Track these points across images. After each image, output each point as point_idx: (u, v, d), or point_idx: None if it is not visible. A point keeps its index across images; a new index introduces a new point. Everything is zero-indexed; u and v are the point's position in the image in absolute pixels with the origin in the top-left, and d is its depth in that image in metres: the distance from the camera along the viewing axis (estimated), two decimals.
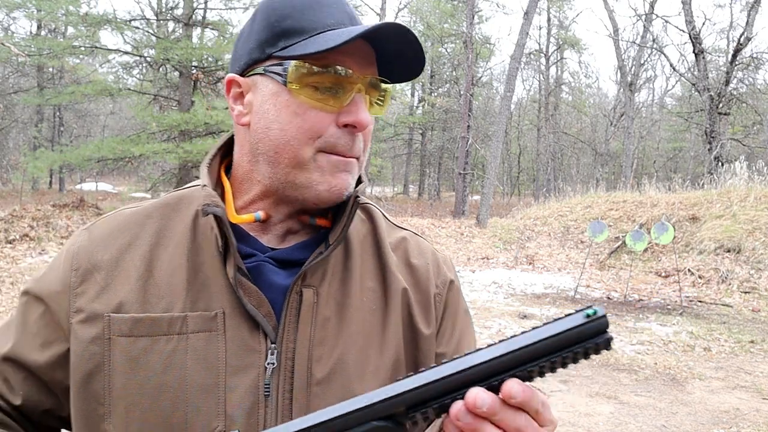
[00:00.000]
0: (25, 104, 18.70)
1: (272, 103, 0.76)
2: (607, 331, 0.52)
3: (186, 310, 0.76)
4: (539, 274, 11.06)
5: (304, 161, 0.76)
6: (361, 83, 0.76)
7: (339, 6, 0.78)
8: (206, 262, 0.79)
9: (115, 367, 0.75)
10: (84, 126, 28.72)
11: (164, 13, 13.11)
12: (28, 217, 9.61)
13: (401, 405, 0.54)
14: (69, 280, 0.79)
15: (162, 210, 0.84)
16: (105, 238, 0.82)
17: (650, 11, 22.46)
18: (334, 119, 0.76)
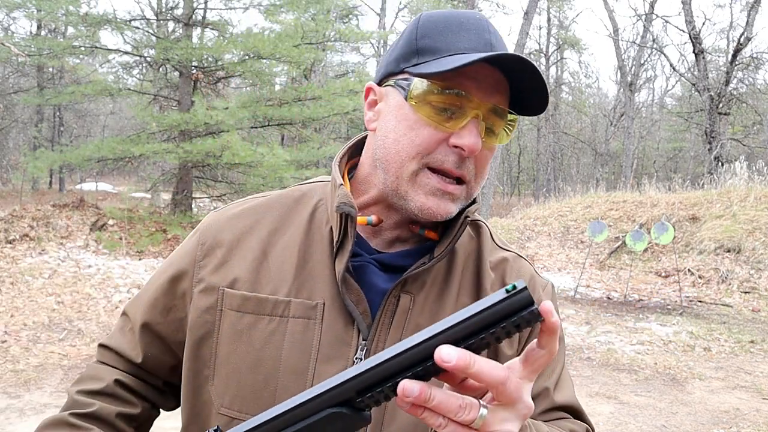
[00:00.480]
0: (25, 104, 18.68)
1: (394, 115, 0.81)
2: (533, 303, 0.52)
3: (290, 295, 0.83)
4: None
5: (407, 175, 0.80)
6: (479, 109, 0.78)
7: (479, 32, 0.80)
8: (316, 255, 0.85)
9: (222, 336, 0.84)
10: (84, 126, 28.71)
11: (164, 13, 13.10)
12: (28, 217, 9.61)
13: (351, 391, 0.55)
14: (195, 254, 0.89)
15: (284, 201, 0.92)
16: (230, 220, 0.91)
17: (650, 11, 22.45)
18: (445, 139, 0.78)
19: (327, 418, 0.56)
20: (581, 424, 0.91)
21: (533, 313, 0.52)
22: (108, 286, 7.72)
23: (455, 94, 0.77)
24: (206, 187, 12.76)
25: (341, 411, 0.55)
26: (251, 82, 13.79)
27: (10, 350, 5.42)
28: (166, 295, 0.91)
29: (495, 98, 0.79)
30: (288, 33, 10.98)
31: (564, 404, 0.89)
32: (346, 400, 0.56)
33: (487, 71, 0.77)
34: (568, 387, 0.92)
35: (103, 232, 9.97)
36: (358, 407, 0.56)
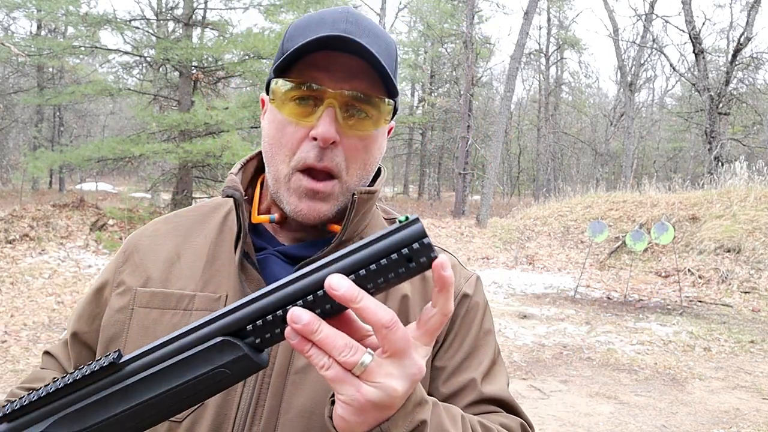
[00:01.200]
0: (25, 104, 18.68)
1: (268, 119, 0.85)
2: (426, 236, 0.51)
3: (197, 290, 0.85)
4: (539, 274, 11.06)
5: (283, 178, 0.82)
6: (334, 98, 0.78)
7: (335, 23, 0.79)
8: (224, 252, 0.88)
9: (131, 334, 0.85)
10: (84, 126, 28.70)
11: (164, 13, 13.11)
12: (28, 217, 9.61)
13: (242, 320, 0.54)
14: (117, 262, 0.93)
15: (202, 209, 0.97)
16: (149, 228, 0.97)
17: (650, 11, 22.45)
18: (307, 133, 0.79)
19: (218, 346, 0.54)
20: (514, 419, 0.88)
21: (426, 246, 0.50)
22: None
23: (308, 87, 0.78)
24: (206, 187, 12.76)
25: (233, 341, 0.53)
26: (251, 82, 13.79)
27: (10, 350, 5.42)
28: (90, 305, 0.94)
29: (352, 84, 0.78)
30: None
31: (493, 396, 0.86)
32: (237, 330, 0.54)
33: (342, 59, 0.77)
34: (500, 381, 0.89)
35: (103, 232, 9.97)
36: (252, 344, 0.54)
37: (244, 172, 0.93)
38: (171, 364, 0.54)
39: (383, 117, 0.82)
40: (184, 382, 0.54)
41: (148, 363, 0.55)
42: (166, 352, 0.55)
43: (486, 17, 34.23)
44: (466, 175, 18.94)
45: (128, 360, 0.55)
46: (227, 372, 0.54)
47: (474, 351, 0.88)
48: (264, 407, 0.78)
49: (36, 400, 0.56)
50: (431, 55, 28.93)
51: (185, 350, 0.54)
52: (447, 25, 26.80)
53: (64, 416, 0.55)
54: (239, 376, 0.55)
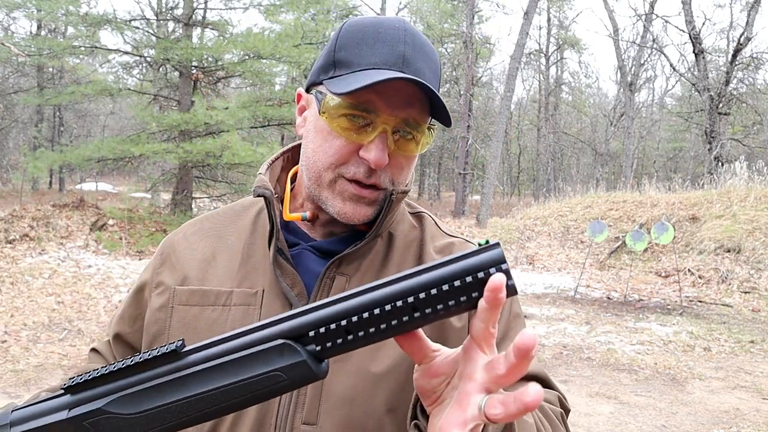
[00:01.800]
0: (25, 104, 18.68)
1: (313, 124, 0.86)
2: (506, 261, 0.50)
3: (233, 286, 0.89)
4: (539, 274, 11.06)
5: (326, 182, 0.85)
6: (387, 124, 0.81)
7: (393, 44, 0.82)
8: (259, 248, 0.92)
9: (172, 331, 0.89)
10: (84, 126, 28.71)
11: (164, 13, 13.10)
12: (28, 217, 9.61)
13: (304, 326, 0.53)
14: (155, 264, 0.97)
15: (235, 208, 1.01)
16: (184, 230, 1.01)
17: (650, 11, 22.45)
18: (357, 150, 0.83)
19: (278, 349, 0.53)
20: (551, 392, 0.91)
21: (504, 272, 0.49)
22: (108, 286, 7.72)
23: (363, 109, 0.80)
24: (206, 187, 12.77)
25: (293, 346, 0.53)
26: (251, 82, 13.79)
27: (10, 350, 5.42)
28: (131, 306, 0.98)
29: (406, 111, 0.81)
30: (288, 33, 10.98)
31: (530, 373, 0.89)
32: (299, 335, 0.53)
33: (398, 85, 0.80)
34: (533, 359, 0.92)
35: (103, 232, 9.97)
36: (313, 352, 0.53)
37: (271, 171, 0.96)
38: (230, 360, 0.54)
39: (425, 140, 0.86)
40: (240, 381, 0.54)
41: (208, 356, 0.55)
42: (227, 347, 0.55)
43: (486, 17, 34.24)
44: (466, 175, 18.94)
45: (190, 350, 0.56)
46: (283, 377, 0.53)
47: (506, 334, 0.91)
48: (306, 395, 0.81)
49: (99, 377, 0.57)
50: None
51: (246, 348, 0.54)
52: (447, 25, 26.81)
53: (122, 396, 0.56)
54: (295, 383, 0.54)
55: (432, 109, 0.84)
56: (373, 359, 0.82)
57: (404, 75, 0.77)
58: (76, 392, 0.58)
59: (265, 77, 12.55)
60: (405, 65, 0.81)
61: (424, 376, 0.57)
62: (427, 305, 0.51)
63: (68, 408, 0.58)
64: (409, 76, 0.77)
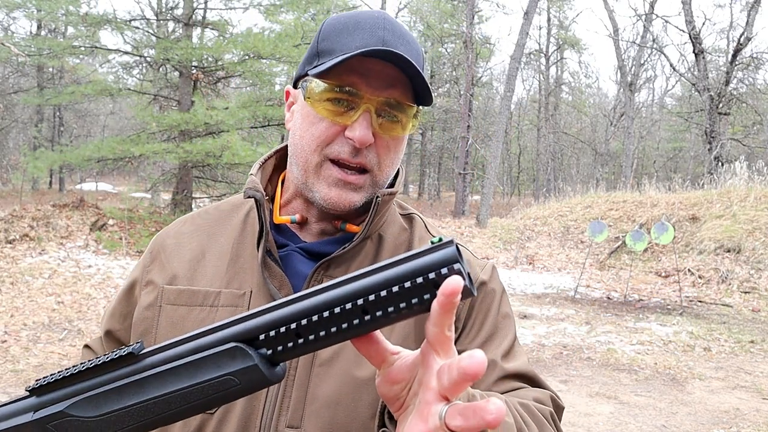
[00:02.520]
0: (25, 104, 18.68)
1: (300, 113, 0.88)
2: (458, 261, 0.46)
3: (222, 287, 0.88)
4: (539, 274, 11.06)
5: (312, 167, 0.86)
6: (370, 103, 0.83)
7: (373, 30, 0.83)
8: (247, 249, 0.92)
9: (160, 330, 0.89)
10: (84, 126, 28.71)
11: (164, 13, 13.10)
12: (28, 217, 9.61)
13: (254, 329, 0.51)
14: (145, 262, 0.97)
15: (224, 207, 1.01)
16: (173, 227, 1.01)
17: (650, 11, 22.45)
18: (342, 131, 0.84)
19: (229, 352, 0.51)
20: (543, 391, 0.89)
21: (456, 272, 0.46)
22: (108, 286, 7.72)
23: (346, 91, 0.82)
24: (206, 187, 12.76)
25: (244, 349, 0.51)
26: (251, 82, 13.79)
27: (10, 350, 5.42)
28: (121, 303, 0.98)
29: (388, 92, 0.83)
30: (288, 33, 10.98)
31: (516, 371, 0.88)
32: (251, 338, 0.51)
33: (378, 67, 0.82)
34: (521, 358, 0.91)
35: (103, 232, 9.97)
36: (265, 355, 0.51)
37: (263, 171, 0.97)
38: (184, 363, 0.53)
39: (411, 122, 0.87)
40: (194, 384, 0.53)
41: (164, 359, 0.54)
42: (182, 350, 0.54)
43: (486, 17, 34.23)
44: (466, 175, 18.94)
45: (147, 353, 0.55)
46: (236, 381, 0.52)
47: (494, 334, 0.91)
48: (291, 398, 0.81)
49: (61, 379, 0.57)
50: (431, 55, 28.92)
51: (200, 351, 0.53)
52: (447, 25, 26.81)
53: (83, 399, 0.56)
54: (248, 388, 0.52)
55: (415, 92, 0.85)
56: (359, 364, 0.82)
57: (383, 48, 0.79)
58: (40, 394, 0.58)
59: (265, 77, 12.55)
60: (385, 47, 0.82)
61: (384, 382, 0.55)
62: (378, 308, 0.48)
63: (33, 410, 0.58)
64: (384, 48, 0.79)
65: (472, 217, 16.64)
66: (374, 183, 0.88)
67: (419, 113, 0.88)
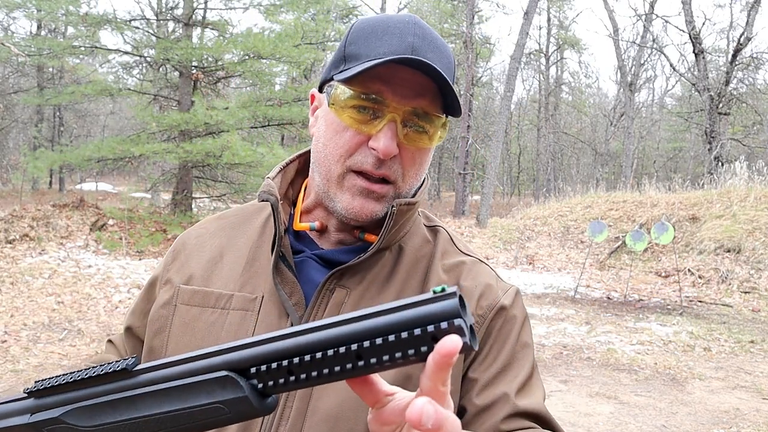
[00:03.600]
0: (25, 104, 18.69)
1: (324, 119, 0.85)
2: (459, 316, 0.44)
3: (235, 290, 0.88)
4: (539, 274, 11.06)
5: (335, 177, 0.84)
6: (396, 113, 0.80)
7: (402, 36, 0.80)
8: (264, 253, 0.91)
9: (173, 329, 0.89)
10: (84, 126, 28.70)
11: (164, 13, 13.10)
12: (28, 217, 9.61)
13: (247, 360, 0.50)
14: (167, 259, 0.98)
15: (246, 209, 1.01)
16: (196, 228, 1.01)
17: (650, 11, 22.45)
18: (366, 141, 0.81)
19: (221, 381, 0.51)
20: None
21: (456, 328, 0.44)
22: (108, 286, 7.72)
23: (372, 99, 0.79)
24: (206, 187, 12.76)
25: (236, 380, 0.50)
26: (251, 82, 13.80)
27: (10, 350, 5.42)
28: (143, 300, 0.99)
29: (416, 101, 0.80)
30: (288, 33, 10.98)
31: (529, 410, 0.84)
32: (243, 369, 0.51)
33: (407, 75, 0.79)
34: (536, 395, 0.87)
35: (103, 232, 9.97)
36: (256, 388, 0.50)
37: (284, 174, 0.94)
38: (175, 386, 0.53)
39: (438, 133, 0.84)
40: (185, 408, 0.52)
41: (156, 378, 0.54)
42: (176, 371, 0.53)
43: (486, 17, 34.22)
44: (466, 175, 18.94)
45: (141, 369, 0.55)
46: (225, 409, 0.51)
47: (510, 364, 0.87)
48: (291, 408, 0.80)
49: (59, 385, 0.57)
50: None
51: (193, 375, 0.53)
52: (447, 25, 26.79)
53: (78, 408, 0.56)
54: (236, 418, 0.51)
55: (444, 102, 0.83)
56: None
57: (410, 56, 0.76)
58: (38, 397, 0.59)
59: (265, 77, 12.55)
60: (414, 54, 0.79)
61: (375, 422, 0.54)
62: (372, 354, 0.46)
63: (30, 413, 0.59)
64: (413, 57, 0.76)
65: (472, 217, 16.64)
66: (397, 195, 0.85)
67: (447, 123, 0.85)
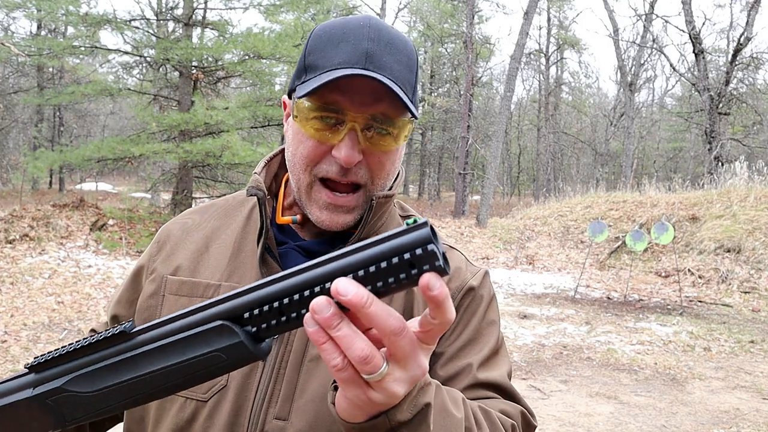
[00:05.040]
0: (25, 104, 18.69)
1: (291, 127, 0.88)
2: (432, 241, 0.47)
3: (222, 280, 0.91)
4: (539, 274, 11.06)
5: (304, 187, 0.86)
6: (355, 122, 0.81)
7: (357, 42, 0.81)
8: (249, 244, 0.94)
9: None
10: (84, 126, 28.70)
11: (164, 13, 13.10)
12: (28, 217, 9.61)
13: (239, 308, 0.54)
14: (152, 249, 1.00)
15: (230, 201, 1.03)
16: (181, 219, 1.03)
17: (650, 11, 22.45)
18: (330, 149, 0.83)
19: (217, 330, 0.54)
20: (514, 405, 0.89)
21: (429, 253, 0.47)
22: (108, 286, 7.72)
23: (330, 110, 0.81)
24: (206, 187, 12.76)
25: (231, 327, 0.53)
26: (251, 82, 13.79)
27: (10, 350, 5.42)
28: (128, 290, 1.00)
29: (374, 107, 0.81)
30: (288, 33, 10.98)
31: (489, 381, 0.88)
32: (237, 316, 0.54)
33: (363, 82, 0.79)
34: (499, 369, 0.91)
35: (103, 232, 9.97)
36: (250, 333, 0.54)
37: (268, 169, 0.97)
38: (173, 340, 0.56)
39: (403, 133, 0.85)
40: (183, 361, 0.55)
41: (154, 337, 0.57)
42: (172, 328, 0.57)
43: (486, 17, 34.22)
44: (466, 175, 18.94)
45: (138, 331, 0.58)
46: (223, 357, 0.54)
47: (474, 339, 0.91)
48: (280, 391, 0.84)
49: (58, 357, 0.60)
50: (431, 55, 28.94)
51: (189, 329, 0.56)
52: (447, 25, 26.81)
53: (79, 375, 0.59)
54: (235, 364, 0.55)
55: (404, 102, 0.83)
56: None
57: (358, 73, 0.77)
58: (39, 371, 0.61)
59: (265, 77, 12.55)
60: (369, 62, 0.80)
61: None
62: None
63: (32, 386, 0.61)
64: (362, 74, 0.77)
65: (472, 217, 16.64)
66: (367, 198, 0.87)
67: (412, 121, 0.86)
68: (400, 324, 0.52)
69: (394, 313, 0.52)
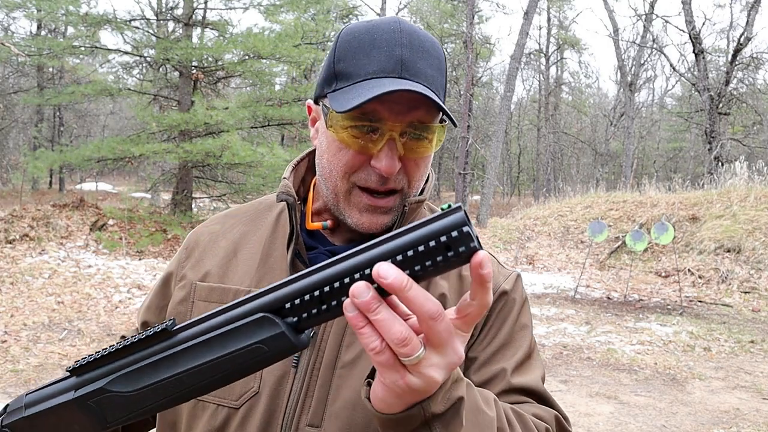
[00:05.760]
0: (25, 104, 18.70)
1: (324, 135, 0.87)
2: (467, 224, 0.50)
3: (251, 285, 0.90)
4: (539, 274, 11.06)
5: (342, 193, 0.86)
6: (394, 131, 0.81)
7: (390, 48, 0.81)
8: (278, 249, 0.93)
9: None
10: (84, 126, 28.70)
11: (164, 13, 13.09)
12: (28, 217, 9.61)
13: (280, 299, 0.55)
14: (180, 257, 1.00)
15: (258, 206, 1.03)
16: (209, 225, 1.03)
17: (650, 11, 22.44)
18: (369, 158, 0.83)
19: (258, 322, 0.55)
20: (548, 410, 0.89)
21: (465, 235, 0.49)
22: (108, 286, 7.72)
23: (368, 120, 0.80)
24: (206, 187, 12.76)
25: (272, 318, 0.55)
26: (251, 82, 13.80)
27: (10, 350, 5.42)
28: (158, 296, 1.01)
29: (411, 115, 0.81)
30: (288, 33, 10.98)
31: (523, 386, 0.88)
32: (277, 308, 0.55)
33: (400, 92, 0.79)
34: (533, 373, 0.91)
35: (103, 232, 9.97)
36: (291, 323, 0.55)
37: (296, 173, 0.97)
38: (215, 335, 0.57)
39: (438, 138, 0.85)
40: (226, 354, 0.56)
41: (196, 333, 0.58)
42: (213, 323, 0.58)
43: (486, 17, 34.22)
44: (466, 175, 18.92)
45: (180, 328, 0.59)
46: (265, 348, 0.55)
47: (508, 343, 0.91)
48: (313, 397, 0.83)
49: (99, 358, 0.61)
50: None
51: (230, 323, 0.57)
52: (447, 25, 26.81)
53: (121, 375, 0.60)
54: (277, 355, 0.56)
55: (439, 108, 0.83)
56: None
57: (400, 87, 0.76)
58: (80, 374, 0.62)
59: (265, 77, 12.55)
60: (404, 69, 0.80)
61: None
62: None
63: (74, 389, 0.62)
64: (404, 88, 0.76)
65: (472, 217, 16.64)
66: (404, 200, 0.88)
67: (446, 127, 0.87)
68: (437, 308, 0.53)
69: (431, 298, 0.53)
